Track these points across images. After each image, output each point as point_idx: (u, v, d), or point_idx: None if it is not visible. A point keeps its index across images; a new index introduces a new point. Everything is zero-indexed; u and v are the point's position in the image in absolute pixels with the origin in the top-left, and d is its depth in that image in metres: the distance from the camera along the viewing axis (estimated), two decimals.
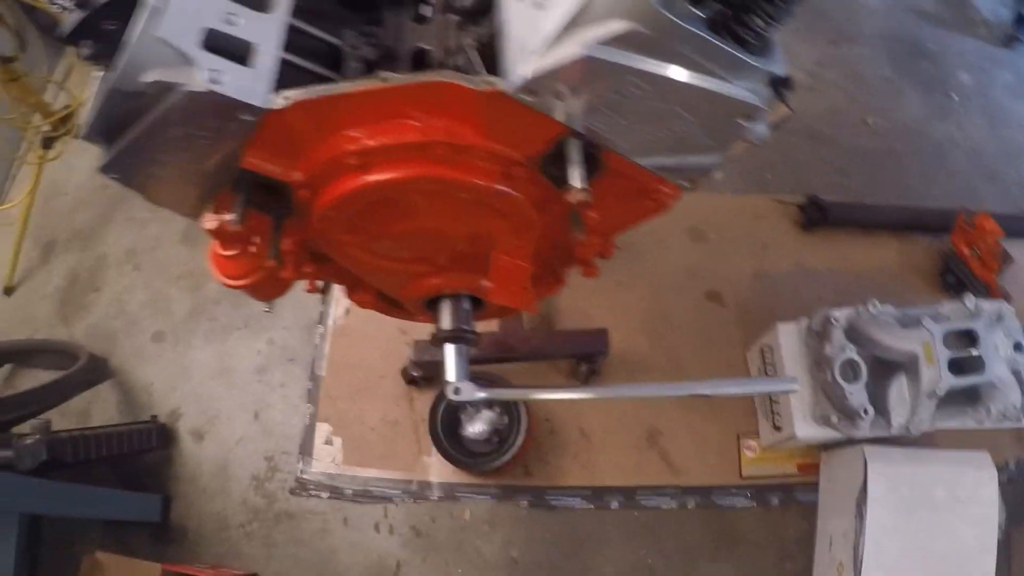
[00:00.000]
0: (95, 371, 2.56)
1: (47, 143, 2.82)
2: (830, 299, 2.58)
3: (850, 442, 2.00)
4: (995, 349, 1.90)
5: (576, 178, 0.84)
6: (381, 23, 1.07)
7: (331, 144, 0.86)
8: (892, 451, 1.95)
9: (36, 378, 2.63)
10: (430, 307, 1.20)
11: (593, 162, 0.89)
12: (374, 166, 0.87)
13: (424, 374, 2.23)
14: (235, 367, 2.57)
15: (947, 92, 3.44)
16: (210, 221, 1.12)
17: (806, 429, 2.00)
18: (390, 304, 1.36)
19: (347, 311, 2.52)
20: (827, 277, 2.73)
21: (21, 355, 2.73)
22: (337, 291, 2.55)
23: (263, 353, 2.58)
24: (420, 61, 1.01)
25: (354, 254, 1.06)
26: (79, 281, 2.89)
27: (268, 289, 1.27)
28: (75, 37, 0.83)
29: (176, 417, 2.49)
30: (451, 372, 1.14)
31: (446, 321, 1.17)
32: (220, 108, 0.78)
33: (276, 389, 2.50)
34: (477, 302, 1.20)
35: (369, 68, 0.97)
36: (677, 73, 0.77)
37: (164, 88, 0.76)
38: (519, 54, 0.76)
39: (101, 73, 0.89)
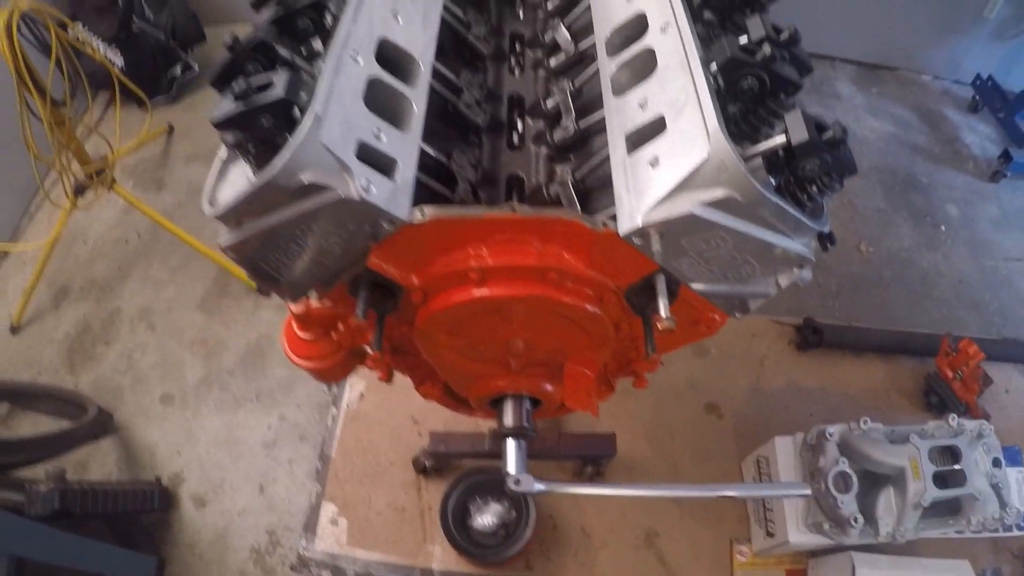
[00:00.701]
0: (101, 425, 2.58)
1: (79, 190, 2.86)
2: (821, 415, 2.73)
3: (839, 548, 2.13)
4: (976, 464, 2.05)
5: (663, 309, 0.95)
6: (480, 145, 1.19)
7: (455, 258, 0.96)
8: (879, 558, 2.09)
9: (34, 422, 2.65)
10: (493, 405, 1.29)
11: (672, 293, 1.00)
12: (491, 281, 0.97)
13: (435, 464, 2.28)
14: (244, 438, 2.59)
15: (936, 224, 3.65)
16: (299, 306, 1.21)
17: (799, 535, 2.09)
18: (454, 399, 1.44)
19: (361, 396, 2.56)
20: (818, 394, 2.85)
21: (24, 397, 2.73)
22: (352, 376, 2.59)
23: (273, 428, 2.61)
24: (514, 186, 1.14)
25: (443, 352, 1.15)
26: (90, 331, 2.91)
27: (336, 373, 1.34)
28: (225, 125, 0.88)
29: (178, 481, 2.50)
30: (512, 465, 1.22)
31: (509, 419, 1.26)
32: (365, 215, 0.87)
33: (283, 465, 2.53)
34: (536, 402, 1.29)
35: (472, 188, 1.08)
36: (756, 231, 0.89)
37: (317, 190, 0.85)
38: (634, 204, 0.87)
39: (220, 153, 0.99)
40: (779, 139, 0.87)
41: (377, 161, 0.89)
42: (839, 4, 4.12)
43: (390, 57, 1.03)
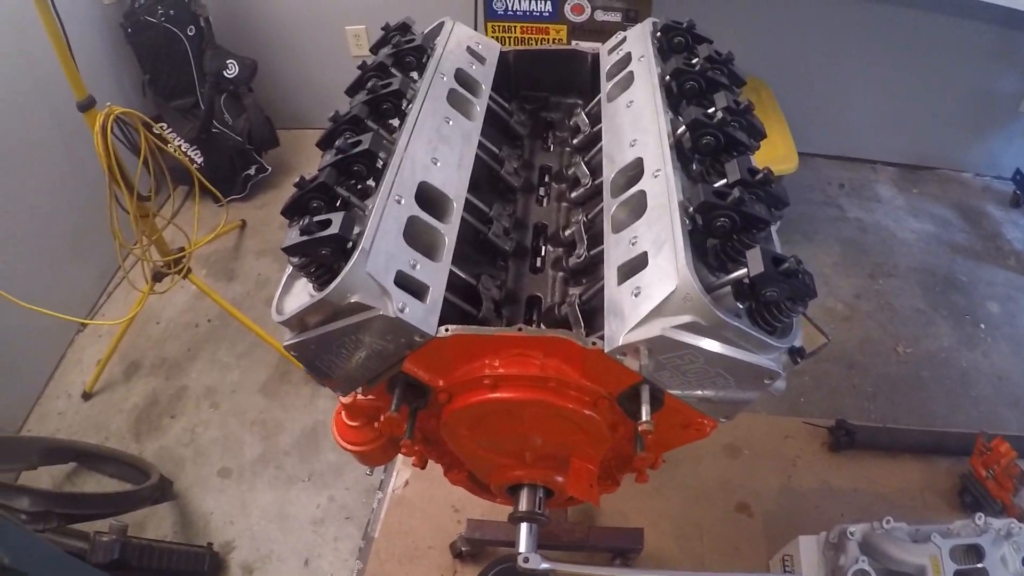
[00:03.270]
0: (163, 490, 2.78)
1: (157, 277, 3.14)
2: (852, 515, 2.75)
3: None
4: (1001, 562, 2.04)
5: (645, 414, 1.12)
6: (506, 268, 1.41)
7: (474, 366, 1.15)
8: None
9: (99, 482, 2.86)
10: (511, 492, 1.46)
11: (657, 401, 1.17)
12: (502, 387, 1.16)
13: (471, 550, 2.40)
14: (294, 515, 2.76)
15: (976, 322, 3.66)
16: (347, 397, 1.42)
17: None
18: (478, 485, 1.62)
19: (406, 483, 2.69)
20: (850, 496, 2.86)
21: (92, 458, 2.93)
22: (398, 463, 2.74)
23: (322, 507, 2.78)
24: (533, 304, 1.36)
25: (465, 444, 1.33)
26: (157, 404, 3.15)
27: (377, 457, 1.54)
28: (292, 251, 1.10)
29: (229, 549, 2.67)
30: (523, 545, 1.39)
31: (523, 504, 1.43)
32: (400, 330, 1.07)
33: (329, 542, 2.68)
34: (549, 492, 1.46)
35: (496, 306, 1.29)
36: (723, 350, 1.05)
37: (363, 308, 1.04)
38: (619, 326, 1.06)
39: (288, 270, 1.21)
40: (742, 271, 1.04)
41: (412, 286, 1.10)
42: (877, 108, 4.27)
43: (429, 196, 1.25)
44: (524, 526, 1.42)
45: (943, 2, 3.65)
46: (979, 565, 2.05)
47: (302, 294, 1.18)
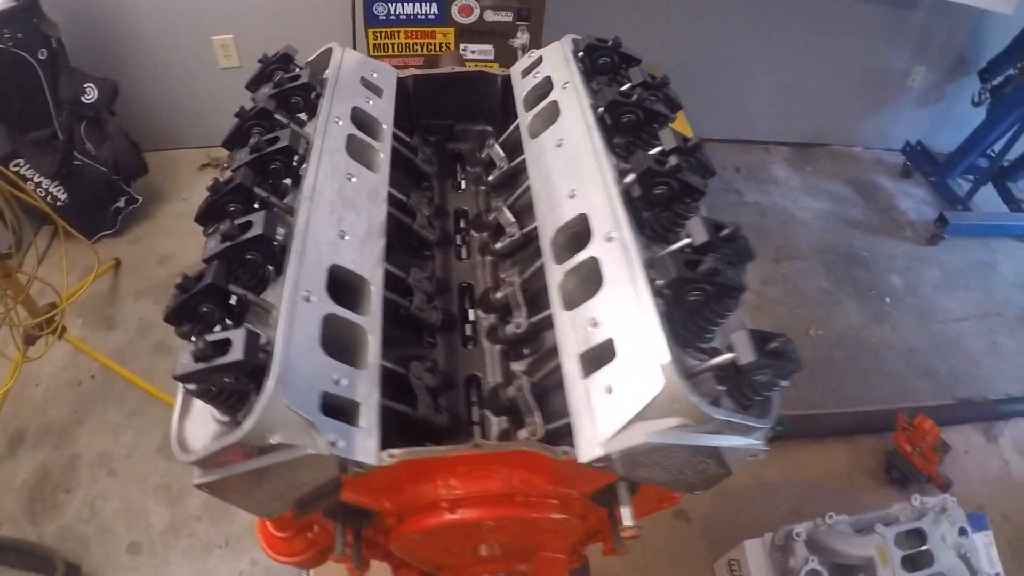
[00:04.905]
0: None
1: (29, 340, 2.79)
2: (787, 507, 2.76)
3: None
4: (941, 540, 2.11)
5: (628, 518, 0.98)
6: (434, 344, 1.23)
7: (425, 490, 0.98)
8: None
9: None
10: None
11: (632, 488, 1.03)
12: (462, 507, 0.99)
13: None
14: None
15: (881, 296, 3.77)
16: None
17: None
18: None
19: None
20: (783, 488, 2.89)
21: None
22: None
23: (245, 573, 2.57)
24: (471, 383, 1.18)
25: (419, 553, 1.16)
26: (49, 478, 2.84)
27: (312, 563, 1.34)
28: (186, 380, 0.89)
29: None
30: None
31: None
32: (335, 463, 0.89)
33: None
34: None
35: (433, 395, 1.11)
36: (708, 440, 0.93)
37: (286, 447, 0.86)
38: (592, 434, 0.90)
39: (181, 388, 1.00)
40: (725, 357, 0.90)
41: (341, 407, 0.91)
42: (769, 90, 4.31)
43: (341, 281, 1.05)
44: None
45: None
46: (923, 548, 2.09)
47: (205, 416, 0.98)
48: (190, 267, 0.97)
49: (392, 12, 3.11)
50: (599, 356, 0.95)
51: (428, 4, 3.08)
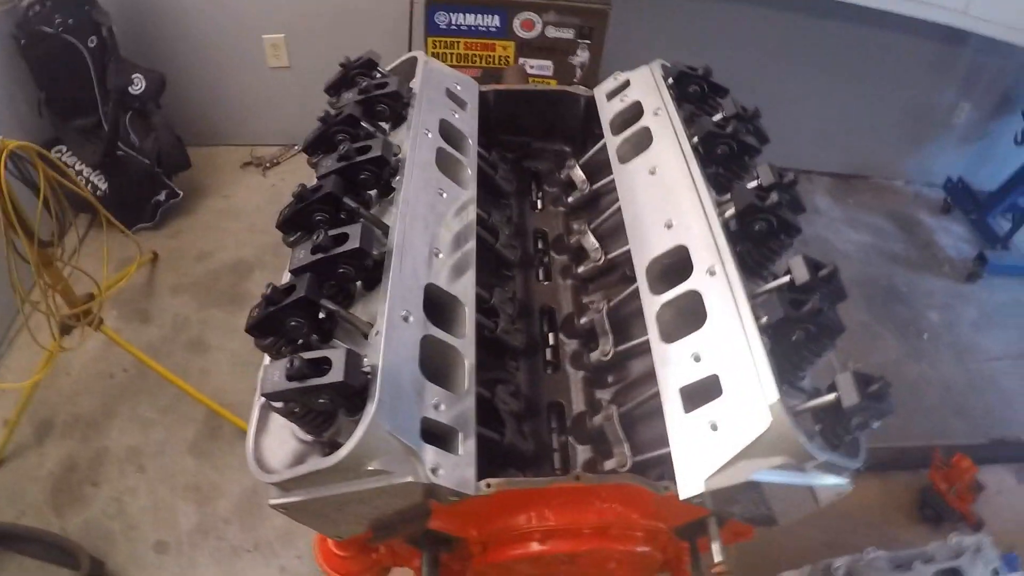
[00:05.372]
0: (94, 575, 2.47)
1: (65, 329, 2.74)
2: (819, 539, 2.72)
3: None
4: None
5: (718, 552, 0.97)
6: (517, 368, 1.20)
7: (517, 520, 0.96)
8: None
9: (20, 565, 2.53)
10: None
11: (720, 522, 1.01)
12: (555, 539, 0.97)
13: None
14: None
15: (919, 332, 3.72)
16: None
17: None
18: None
19: None
20: (816, 519, 2.79)
21: (9, 538, 2.60)
22: None
23: None
24: (554, 410, 1.15)
25: None
26: (76, 470, 2.80)
27: None
28: (276, 398, 0.86)
29: None
30: None
31: None
32: (432, 491, 0.86)
33: None
34: None
35: (518, 422, 1.09)
36: (803, 479, 0.92)
37: (385, 473, 0.83)
38: (694, 470, 0.88)
39: (259, 399, 0.97)
40: (830, 397, 0.90)
41: (439, 434, 0.89)
42: (814, 120, 4.27)
43: (436, 302, 1.03)
44: None
45: (882, 18, 3.64)
46: None
47: (284, 432, 0.96)
48: (228, 266, 0.95)
49: (453, 22, 3.09)
50: (701, 391, 0.93)
51: (491, 16, 3.06)
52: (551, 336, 1.30)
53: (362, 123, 1.25)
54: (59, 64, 3.35)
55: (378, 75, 1.39)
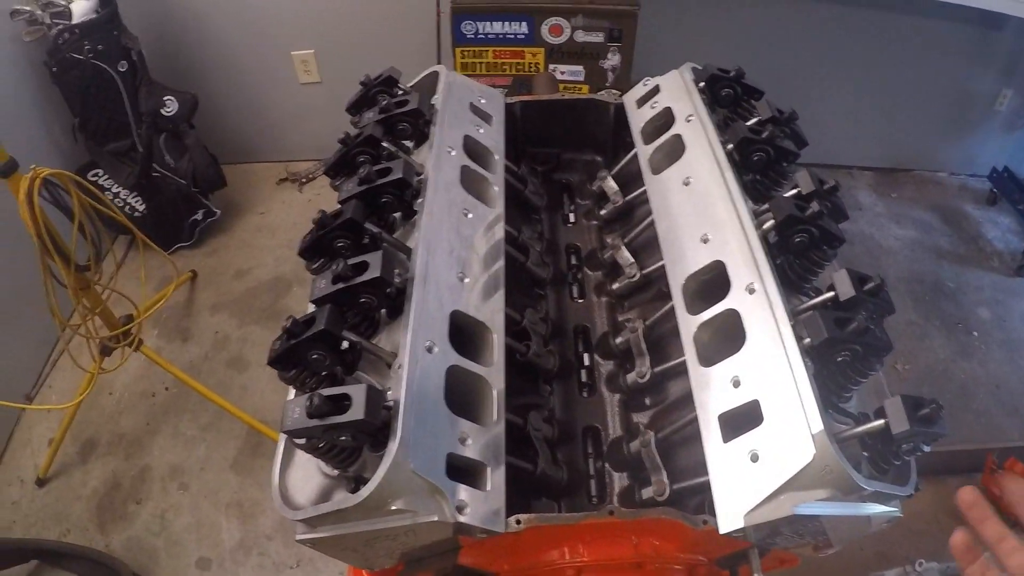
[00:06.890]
0: None
1: (105, 351, 2.78)
2: (871, 548, 2.64)
3: None
4: None
5: None
6: (551, 391, 1.16)
7: (550, 555, 0.93)
8: None
9: None
10: None
11: (761, 553, 0.97)
12: (589, 574, 0.93)
13: None
14: None
15: (968, 330, 3.60)
16: None
17: None
18: None
19: None
20: None
21: (54, 556, 2.61)
22: None
23: None
24: (588, 434, 1.11)
25: None
26: (120, 488, 2.83)
27: None
28: (298, 435, 0.84)
29: None
30: None
31: None
32: (459, 529, 0.83)
33: None
34: None
35: (551, 449, 1.05)
36: (850, 509, 0.86)
37: (409, 513, 0.80)
38: (734, 504, 0.84)
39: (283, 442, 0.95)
40: (878, 423, 0.85)
41: (466, 470, 0.86)
42: (853, 113, 4.17)
43: (462, 329, 1.00)
44: None
45: (917, 4, 3.53)
46: None
47: (312, 470, 0.93)
48: (267, 283, 0.92)
49: (481, 30, 3.06)
50: (741, 418, 0.89)
51: (518, 23, 3.02)
52: (586, 357, 1.25)
53: (383, 143, 1.22)
54: (91, 89, 3.38)
55: (399, 92, 1.36)
